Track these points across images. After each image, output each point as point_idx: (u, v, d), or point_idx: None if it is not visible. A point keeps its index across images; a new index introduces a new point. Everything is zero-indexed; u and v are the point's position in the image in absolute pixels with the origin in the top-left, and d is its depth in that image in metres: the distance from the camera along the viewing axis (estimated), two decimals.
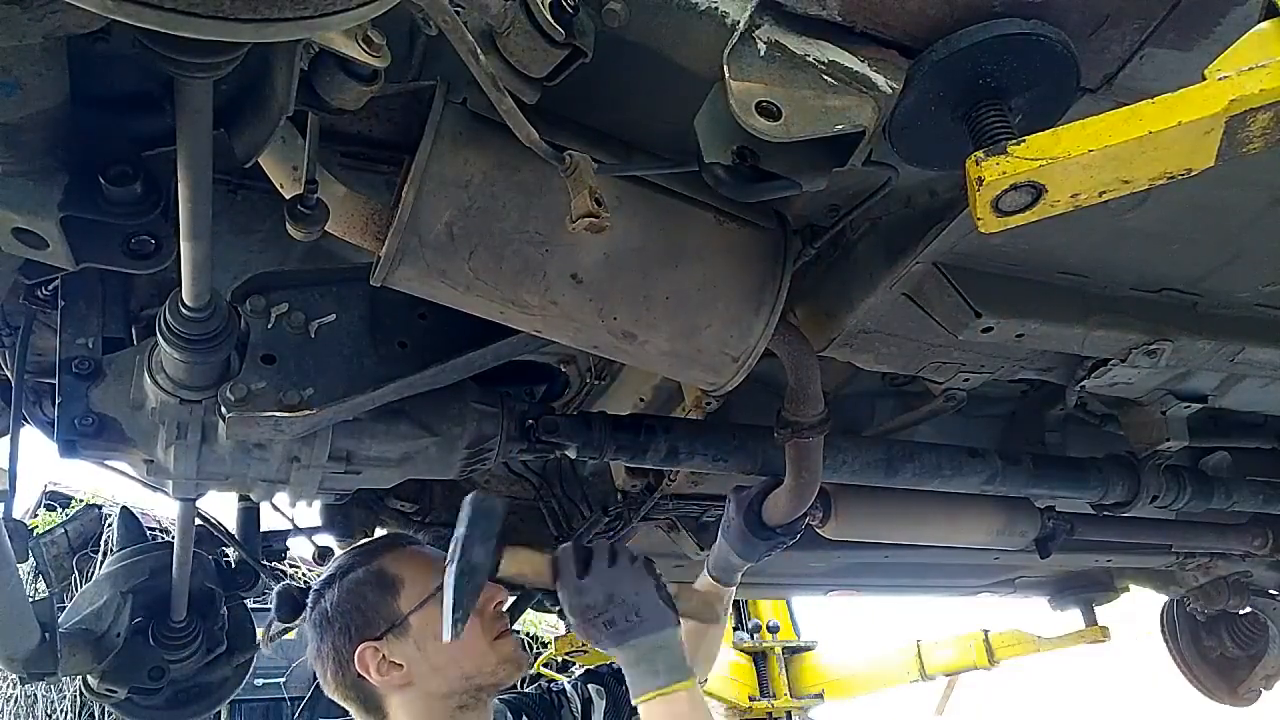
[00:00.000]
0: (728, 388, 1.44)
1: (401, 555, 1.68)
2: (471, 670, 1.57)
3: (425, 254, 1.19)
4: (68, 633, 1.89)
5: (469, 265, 1.21)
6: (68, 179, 1.03)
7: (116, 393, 1.41)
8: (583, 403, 2.27)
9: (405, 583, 1.61)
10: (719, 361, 1.37)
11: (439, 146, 1.16)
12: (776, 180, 1.12)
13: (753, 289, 1.34)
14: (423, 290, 1.27)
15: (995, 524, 2.17)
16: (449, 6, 0.85)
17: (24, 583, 1.74)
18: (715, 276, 1.32)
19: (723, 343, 1.35)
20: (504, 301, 1.26)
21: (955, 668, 5.25)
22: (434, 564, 1.64)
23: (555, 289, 1.25)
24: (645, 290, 1.28)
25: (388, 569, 1.64)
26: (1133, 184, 0.96)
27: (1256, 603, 3.43)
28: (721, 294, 1.33)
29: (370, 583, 1.62)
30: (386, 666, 1.55)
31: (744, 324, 1.34)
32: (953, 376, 1.86)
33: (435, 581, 1.56)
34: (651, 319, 1.31)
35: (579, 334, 1.33)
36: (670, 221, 1.29)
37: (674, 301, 1.30)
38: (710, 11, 1.06)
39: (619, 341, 1.33)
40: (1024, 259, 1.58)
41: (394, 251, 1.19)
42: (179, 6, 0.61)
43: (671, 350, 1.35)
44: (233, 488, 1.63)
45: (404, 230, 1.17)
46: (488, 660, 1.58)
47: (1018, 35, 1.00)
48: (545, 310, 1.27)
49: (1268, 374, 1.86)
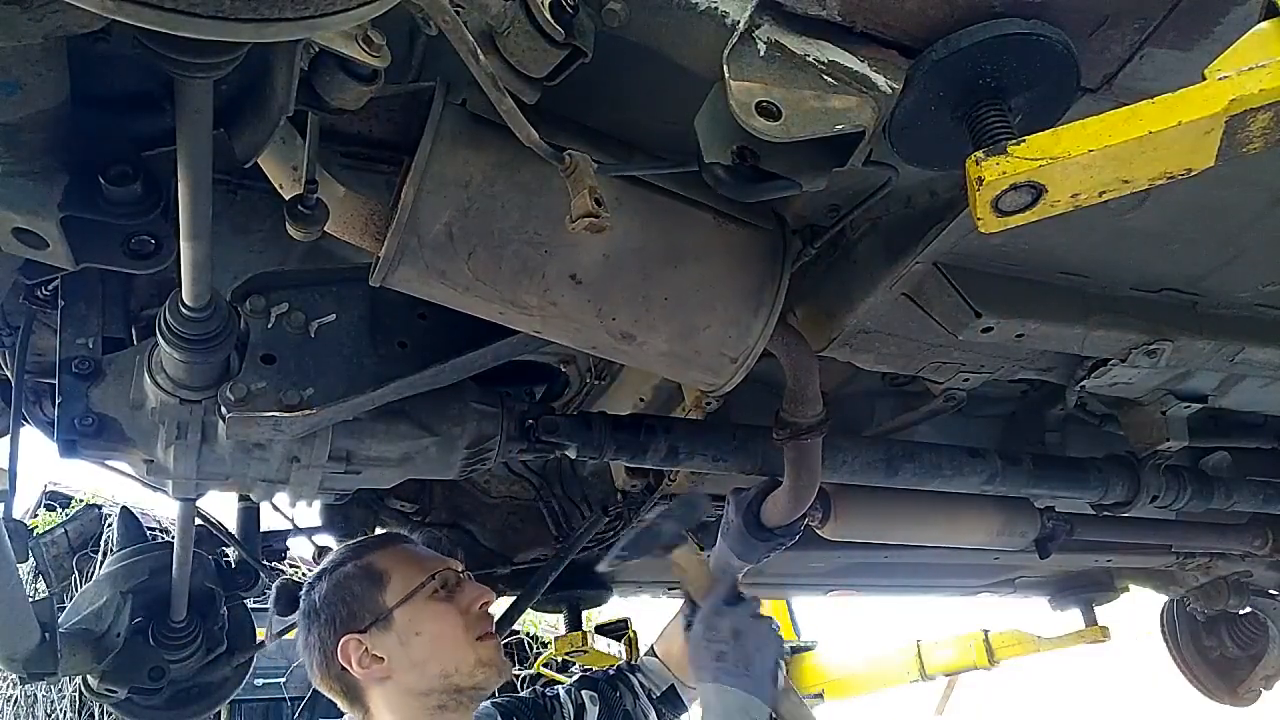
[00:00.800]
0: (726, 388, 1.44)
1: (391, 551, 1.70)
2: (450, 668, 1.57)
3: (424, 254, 1.19)
4: (68, 633, 1.89)
5: (468, 266, 1.21)
6: (68, 179, 1.03)
7: (116, 393, 1.41)
8: (583, 403, 2.27)
9: (392, 578, 1.63)
10: (717, 362, 1.37)
11: (438, 146, 1.16)
12: (776, 180, 1.12)
13: (751, 290, 1.34)
14: (422, 291, 1.27)
15: (995, 524, 2.17)
16: (449, 7, 0.85)
17: (24, 583, 1.74)
18: (714, 277, 1.32)
19: (721, 343, 1.35)
20: (503, 302, 1.26)
21: (955, 668, 5.25)
22: (423, 562, 1.67)
23: (555, 290, 1.25)
24: (644, 291, 1.28)
25: (376, 564, 1.66)
26: (1133, 184, 0.96)
27: (1256, 603, 3.43)
28: (720, 295, 1.33)
29: (358, 576, 1.64)
30: (368, 659, 1.56)
31: (742, 325, 1.34)
32: (953, 376, 1.86)
33: (421, 577, 1.59)
34: (650, 320, 1.30)
35: (578, 335, 1.33)
36: (669, 222, 1.29)
37: (673, 302, 1.30)
38: (710, 11, 1.06)
39: (617, 342, 1.33)
40: (1024, 259, 1.58)
41: (393, 252, 1.19)
42: (179, 6, 0.61)
43: (670, 351, 1.35)
44: (233, 488, 1.63)
45: (403, 230, 1.17)
46: (466, 660, 1.58)
47: (1018, 35, 1.00)
48: (544, 311, 1.27)
49: (1268, 374, 1.86)
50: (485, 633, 1.63)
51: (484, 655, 1.60)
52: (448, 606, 1.62)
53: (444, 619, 1.60)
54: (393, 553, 1.69)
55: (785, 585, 3.63)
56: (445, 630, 1.58)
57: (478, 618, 1.63)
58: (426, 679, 1.56)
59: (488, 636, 1.63)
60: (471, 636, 1.61)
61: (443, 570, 1.66)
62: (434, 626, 1.58)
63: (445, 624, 1.59)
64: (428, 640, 1.56)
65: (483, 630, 1.63)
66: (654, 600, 3.68)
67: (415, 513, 2.54)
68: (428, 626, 1.58)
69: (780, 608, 6.06)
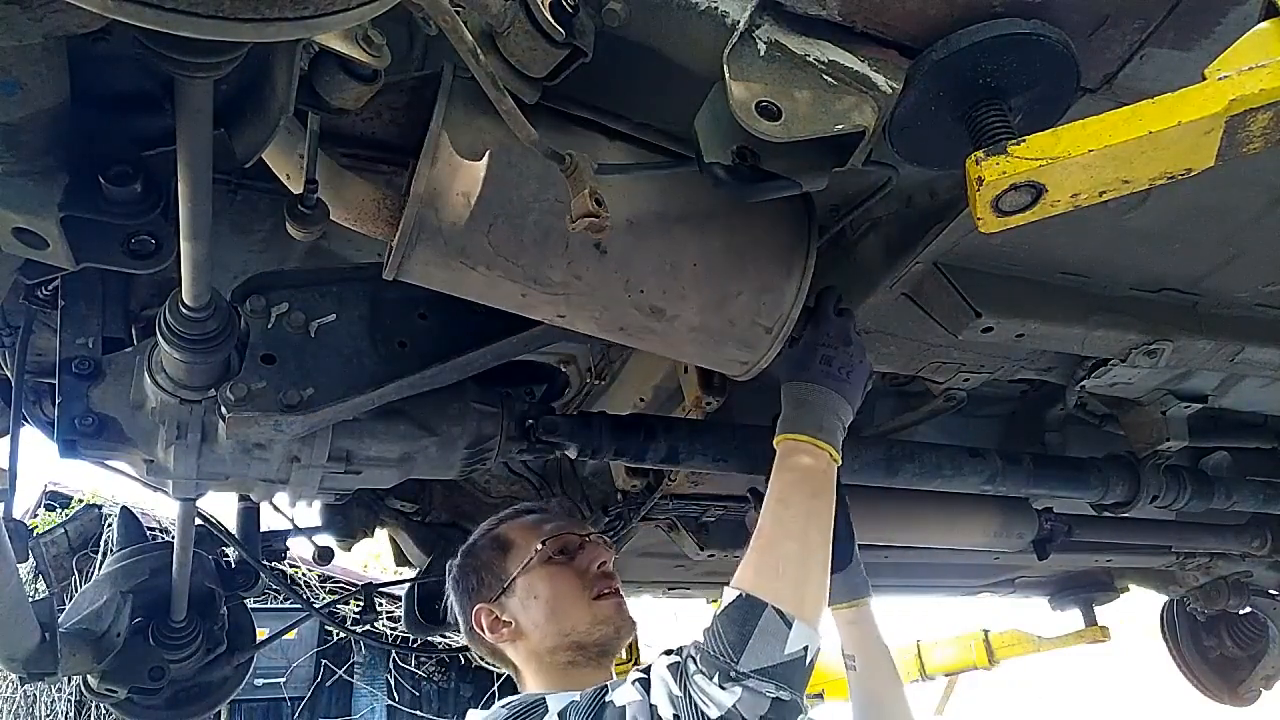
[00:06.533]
0: (762, 365, 1.39)
1: (519, 522, 1.76)
2: (568, 627, 1.61)
3: (443, 229, 1.15)
4: (68, 633, 1.89)
5: (489, 239, 1.17)
6: (68, 179, 1.03)
7: (116, 393, 1.41)
8: (583, 403, 2.27)
9: (515, 546, 1.69)
10: (752, 334, 1.32)
11: (453, 114, 1.13)
12: (776, 180, 1.12)
13: (782, 252, 1.29)
14: (439, 276, 1.22)
15: (993, 525, 2.17)
16: (449, 7, 0.85)
17: (24, 583, 1.74)
18: (742, 241, 1.27)
19: (755, 311, 1.30)
20: (526, 280, 1.22)
21: (955, 668, 5.26)
22: (541, 529, 1.71)
23: (579, 261, 1.20)
24: (671, 258, 1.24)
25: (503, 535, 1.73)
26: (1133, 184, 0.96)
27: (1256, 603, 3.43)
28: (750, 258, 1.28)
29: (487, 548, 1.72)
30: (499, 625, 1.64)
31: (776, 289, 1.30)
32: (953, 376, 1.86)
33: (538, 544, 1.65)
34: (680, 289, 1.26)
35: (604, 314, 1.28)
36: (690, 185, 1.25)
37: (702, 268, 1.26)
38: (710, 11, 1.06)
39: (647, 319, 1.28)
40: (1024, 259, 1.58)
41: (410, 228, 1.14)
42: (179, 6, 0.61)
43: (702, 325, 1.30)
44: (233, 488, 1.64)
45: (420, 202, 1.13)
46: (583, 619, 1.62)
47: (1018, 35, 1.00)
48: (569, 287, 1.23)
49: (1268, 374, 1.86)
50: (602, 592, 1.66)
51: (600, 613, 1.63)
52: (566, 569, 1.66)
53: (561, 581, 1.64)
54: (520, 523, 1.75)
55: None
56: (562, 591, 1.63)
57: (595, 578, 1.67)
58: (551, 638, 1.61)
59: (606, 595, 1.66)
60: (589, 596, 1.64)
61: (560, 535, 1.70)
62: (551, 589, 1.63)
63: (562, 585, 1.64)
64: (545, 602, 1.61)
65: (600, 589, 1.66)
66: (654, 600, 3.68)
67: (415, 513, 2.54)
68: (544, 589, 1.63)
69: None
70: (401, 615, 2.61)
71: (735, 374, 1.45)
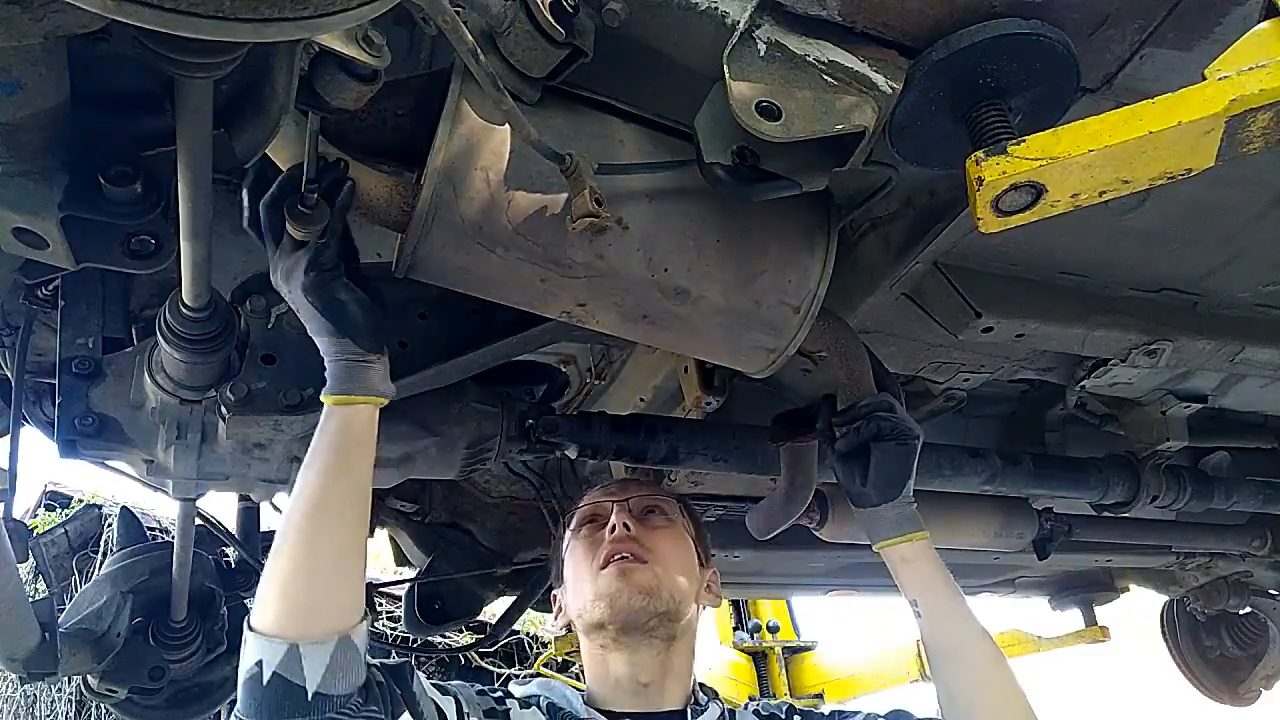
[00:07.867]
0: (789, 352, 1.33)
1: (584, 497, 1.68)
2: (578, 608, 1.48)
3: (460, 207, 1.12)
4: (68, 633, 1.89)
5: (508, 216, 1.13)
6: (68, 179, 1.03)
7: (116, 393, 1.41)
8: (583, 403, 2.27)
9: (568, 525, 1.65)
10: (779, 315, 1.28)
11: (468, 87, 1.10)
12: (776, 180, 1.12)
13: (804, 228, 1.27)
14: (456, 261, 1.18)
15: (992, 526, 2.17)
16: (449, 7, 0.85)
17: (24, 583, 1.74)
18: (764, 218, 1.25)
19: (781, 290, 1.27)
20: (546, 262, 1.17)
21: None
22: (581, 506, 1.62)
23: (601, 239, 1.16)
24: (694, 235, 1.22)
25: (570, 518, 1.65)
26: (1133, 184, 0.96)
27: (1256, 603, 3.43)
28: (774, 235, 1.26)
29: (560, 533, 1.68)
30: (560, 609, 1.62)
31: (800, 267, 1.27)
32: (953, 376, 1.86)
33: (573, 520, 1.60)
34: (704, 267, 1.23)
35: (627, 298, 1.23)
36: None
37: (725, 245, 1.23)
38: (710, 11, 1.06)
39: (670, 301, 1.24)
40: (1024, 259, 1.58)
41: (426, 208, 1.11)
42: (179, 6, 0.61)
43: (727, 306, 1.26)
44: (233, 488, 1.63)
45: (437, 179, 1.10)
46: (587, 595, 1.46)
47: (1018, 35, 1.00)
48: (591, 269, 1.19)
49: (1268, 374, 1.86)
50: (607, 560, 1.46)
51: (600, 586, 1.44)
52: (584, 543, 1.54)
53: (577, 556, 1.53)
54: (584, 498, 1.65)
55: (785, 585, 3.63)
56: (578, 569, 1.51)
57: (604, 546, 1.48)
58: (576, 622, 1.51)
59: (610, 563, 1.45)
60: (595, 569, 1.47)
61: (589, 506, 1.60)
62: (572, 567, 1.54)
63: (578, 562, 1.52)
64: (570, 583, 1.54)
65: (605, 557, 1.46)
66: None
67: (415, 513, 2.54)
68: (569, 568, 1.56)
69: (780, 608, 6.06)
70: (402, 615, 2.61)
71: (759, 367, 1.37)
